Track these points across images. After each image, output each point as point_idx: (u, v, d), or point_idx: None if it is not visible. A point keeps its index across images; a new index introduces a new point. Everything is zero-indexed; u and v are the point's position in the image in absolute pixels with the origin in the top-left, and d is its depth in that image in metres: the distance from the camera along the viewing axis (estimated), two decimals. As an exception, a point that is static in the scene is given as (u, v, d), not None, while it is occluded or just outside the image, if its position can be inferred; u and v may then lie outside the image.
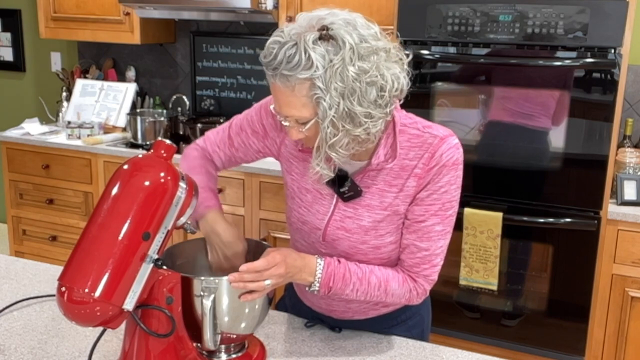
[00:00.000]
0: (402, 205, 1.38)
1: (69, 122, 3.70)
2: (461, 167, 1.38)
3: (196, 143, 1.60)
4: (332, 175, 1.34)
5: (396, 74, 1.24)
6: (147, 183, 1.16)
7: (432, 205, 1.36)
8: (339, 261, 1.38)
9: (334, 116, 1.19)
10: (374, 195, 1.39)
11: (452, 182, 1.36)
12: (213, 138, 1.57)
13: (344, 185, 1.38)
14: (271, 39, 1.22)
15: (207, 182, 1.50)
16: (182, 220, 1.25)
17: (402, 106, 1.39)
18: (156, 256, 1.18)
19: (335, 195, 1.41)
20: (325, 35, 1.18)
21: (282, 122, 1.30)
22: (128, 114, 3.65)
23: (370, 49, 1.20)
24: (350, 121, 1.21)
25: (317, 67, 1.16)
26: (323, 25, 1.19)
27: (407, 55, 1.28)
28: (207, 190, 1.48)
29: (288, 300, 1.70)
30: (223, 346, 1.38)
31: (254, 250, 1.44)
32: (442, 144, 1.35)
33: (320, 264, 1.36)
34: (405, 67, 1.27)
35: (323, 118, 1.20)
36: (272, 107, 1.34)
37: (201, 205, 1.43)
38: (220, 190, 3.20)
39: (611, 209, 2.60)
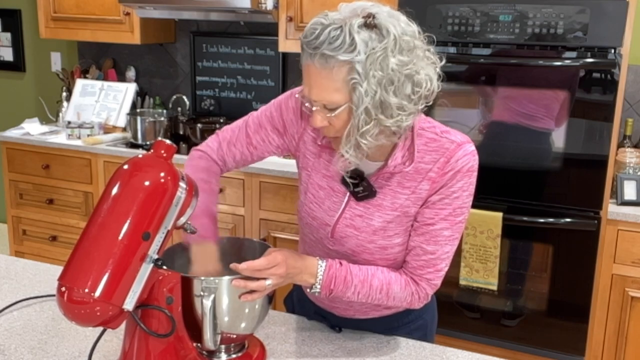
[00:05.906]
0: (412, 207, 1.38)
1: (69, 122, 3.70)
2: (475, 174, 1.37)
3: (201, 149, 1.55)
4: (359, 162, 1.33)
5: (429, 75, 1.25)
6: (147, 183, 1.16)
7: (442, 209, 1.36)
8: (340, 263, 1.38)
9: (369, 104, 1.20)
10: (386, 196, 1.39)
11: (465, 189, 1.36)
12: (229, 137, 1.54)
13: (358, 185, 1.38)
14: (314, 20, 1.23)
15: (208, 203, 1.45)
16: (182, 220, 1.25)
17: None
18: (156, 256, 1.18)
19: (348, 193, 1.41)
20: (370, 22, 1.19)
21: (308, 107, 1.29)
22: (128, 114, 3.65)
23: (410, 43, 1.22)
24: (383, 111, 1.22)
25: (359, 51, 1.17)
26: (369, 12, 1.20)
27: (440, 60, 1.29)
28: (207, 215, 1.43)
29: (295, 294, 1.70)
30: (223, 346, 1.38)
31: (255, 251, 1.43)
32: (458, 150, 1.35)
33: (321, 266, 1.36)
34: (438, 70, 1.28)
35: (358, 104, 1.21)
36: (298, 95, 1.35)
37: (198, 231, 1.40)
38: (220, 190, 3.20)
39: (611, 209, 2.60)
